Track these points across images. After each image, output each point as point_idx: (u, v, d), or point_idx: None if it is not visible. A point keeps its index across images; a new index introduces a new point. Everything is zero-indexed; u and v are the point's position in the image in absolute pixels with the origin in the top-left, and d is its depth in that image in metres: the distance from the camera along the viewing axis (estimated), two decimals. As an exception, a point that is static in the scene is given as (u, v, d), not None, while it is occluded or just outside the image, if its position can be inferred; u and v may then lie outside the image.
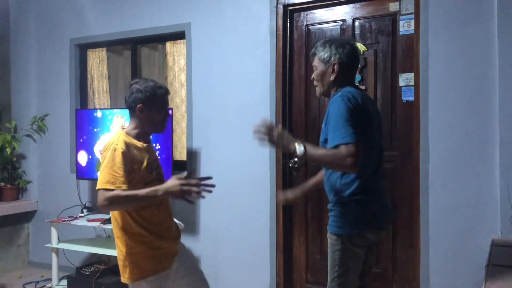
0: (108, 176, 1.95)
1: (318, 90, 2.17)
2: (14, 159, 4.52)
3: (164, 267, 2.12)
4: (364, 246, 2.06)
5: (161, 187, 1.98)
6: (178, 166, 3.80)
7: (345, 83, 2.08)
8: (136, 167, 2.05)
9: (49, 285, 3.86)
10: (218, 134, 3.62)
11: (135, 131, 2.14)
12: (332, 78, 2.08)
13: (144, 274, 2.07)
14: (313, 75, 2.16)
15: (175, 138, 3.98)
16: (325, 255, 3.35)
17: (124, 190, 1.95)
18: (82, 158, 3.85)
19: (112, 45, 4.31)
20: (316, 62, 2.13)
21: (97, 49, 4.41)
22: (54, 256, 3.75)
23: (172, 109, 3.61)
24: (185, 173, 2.01)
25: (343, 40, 2.13)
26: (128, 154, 2.03)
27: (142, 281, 2.07)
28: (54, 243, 3.74)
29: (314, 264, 3.41)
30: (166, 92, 2.19)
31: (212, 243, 3.68)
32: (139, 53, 4.20)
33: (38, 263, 4.50)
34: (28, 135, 4.53)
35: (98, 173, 2.21)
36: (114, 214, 2.10)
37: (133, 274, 2.08)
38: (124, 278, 2.11)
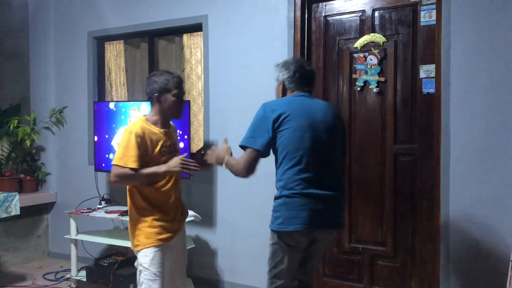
0: (121, 155, 2.25)
1: None
2: (34, 151, 4.58)
3: (163, 241, 2.36)
4: (294, 246, 2.16)
5: (163, 166, 2.30)
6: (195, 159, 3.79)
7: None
8: (150, 150, 2.32)
9: (68, 275, 3.91)
10: (235, 126, 3.61)
11: (154, 118, 2.40)
12: (283, 93, 2.39)
13: (146, 244, 2.34)
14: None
15: (192, 131, 3.98)
16: (342, 248, 3.34)
17: (132, 168, 2.23)
18: (100, 150, 3.88)
19: (129, 38, 4.32)
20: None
21: (114, 41, 4.42)
22: (73, 247, 3.79)
23: (189, 101, 3.60)
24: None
25: (287, 61, 2.42)
26: (143, 138, 2.29)
27: (146, 250, 2.34)
28: (73, 235, 3.77)
29: (332, 257, 3.39)
30: (178, 80, 2.40)
31: (229, 236, 3.68)
32: (156, 45, 4.20)
33: (58, 253, 4.56)
34: (47, 128, 4.58)
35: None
36: (128, 190, 2.39)
37: (138, 243, 2.37)
38: (132, 246, 2.43)
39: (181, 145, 3.48)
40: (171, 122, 2.53)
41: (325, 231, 2.22)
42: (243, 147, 2.23)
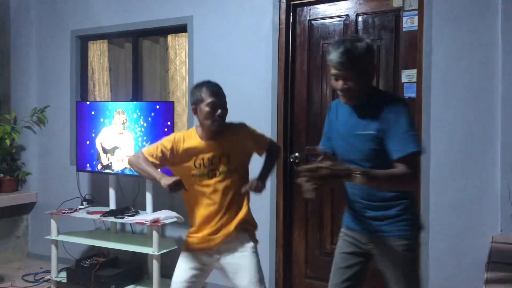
0: (151, 146, 2.33)
1: (352, 99, 1.92)
2: (14, 150, 4.51)
3: (195, 250, 2.38)
4: None
5: (161, 175, 2.19)
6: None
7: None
8: (184, 158, 2.28)
9: (48, 277, 3.86)
10: (219, 128, 3.61)
11: (200, 128, 2.33)
12: (371, 81, 1.95)
13: (183, 248, 2.43)
14: (351, 84, 1.86)
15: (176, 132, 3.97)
16: (324, 249, 3.36)
17: (147, 160, 2.24)
18: (82, 150, 3.85)
19: (114, 37, 4.29)
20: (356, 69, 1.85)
21: (98, 41, 4.39)
22: (53, 248, 3.75)
23: (173, 102, 3.60)
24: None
25: (362, 38, 1.92)
26: (177, 143, 2.29)
27: (182, 252, 2.43)
28: (54, 235, 3.73)
29: (314, 259, 3.41)
30: (213, 89, 2.27)
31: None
32: (141, 45, 4.18)
33: (37, 254, 4.50)
34: (28, 127, 4.52)
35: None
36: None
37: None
38: None
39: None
40: (234, 125, 2.41)
41: None
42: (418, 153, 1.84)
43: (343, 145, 1.99)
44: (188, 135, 2.32)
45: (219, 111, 2.25)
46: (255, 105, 3.47)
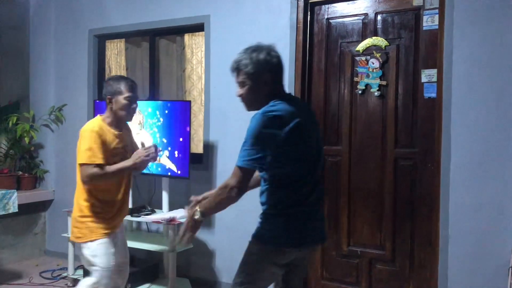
0: (88, 154, 2.38)
1: (247, 106, 2.03)
2: (32, 148, 4.56)
3: (107, 235, 2.53)
4: (279, 264, 1.97)
5: (129, 160, 2.48)
6: (195, 159, 3.79)
7: (276, 93, 1.95)
8: (105, 148, 2.45)
9: (65, 274, 3.90)
10: (235, 127, 3.60)
11: (109, 119, 2.55)
12: (265, 91, 1.94)
13: (87, 237, 2.50)
14: (241, 92, 1.98)
15: (192, 131, 3.97)
16: (340, 251, 3.33)
17: (99, 164, 2.40)
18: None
19: (131, 37, 4.31)
20: (242, 79, 1.96)
21: (115, 40, 4.41)
22: (70, 245, 3.78)
23: (189, 101, 3.59)
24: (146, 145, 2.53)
25: (265, 48, 1.97)
26: (102, 136, 2.44)
27: (90, 243, 2.50)
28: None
29: (330, 260, 3.38)
30: (132, 84, 2.54)
31: (227, 236, 3.67)
32: (157, 45, 4.19)
33: (54, 252, 4.54)
34: (46, 125, 4.56)
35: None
36: (77, 184, 2.53)
37: (81, 235, 2.52)
38: (72, 237, 2.59)
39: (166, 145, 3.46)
40: (126, 124, 2.72)
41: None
42: None
43: None
44: (101, 125, 2.49)
45: (134, 105, 2.55)
46: (272, 104, 3.44)
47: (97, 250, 2.50)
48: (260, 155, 1.82)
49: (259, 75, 1.92)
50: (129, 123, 2.73)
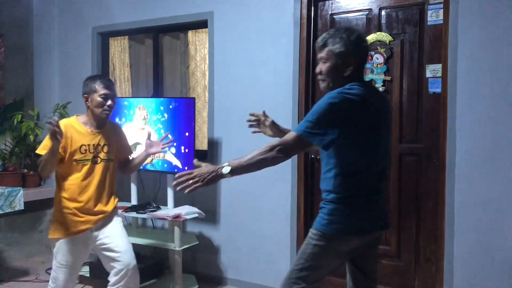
0: (42, 144, 2.52)
1: (324, 84, 1.98)
2: (37, 146, 4.56)
3: (70, 234, 2.58)
4: (343, 251, 1.96)
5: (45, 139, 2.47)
6: (199, 156, 3.78)
7: (356, 79, 1.92)
8: (68, 147, 2.52)
9: (71, 271, 3.91)
10: (239, 123, 3.60)
11: (85, 117, 2.65)
12: (347, 73, 1.91)
13: (55, 235, 2.59)
14: (322, 69, 1.95)
15: (196, 128, 3.97)
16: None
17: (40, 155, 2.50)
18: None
19: (134, 34, 4.31)
20: (326, 54, 1.92)
21: (119, 37, 4.41)
22: (76, 242, 3.79)
23: (194, 98, 3.60)
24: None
25: (357, 31, 1.95)
26: (65, 132, 2.47)
27: (54, 240, 2.59)
28: (77, 230, 3.77)
29: (335, 256, 3.39)
30: (106, 82, 2.60)
31: (233, 232, 3.68)
32: (161, 42, 4.19)
33: (60, 249, 4.56)
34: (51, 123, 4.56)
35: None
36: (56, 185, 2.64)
37: (52, 232, 2.61)
38: (48, 233, 2.65)
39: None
40: (113, 122, 2.83)
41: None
42: None
43: None
44: (67, 125, 2.55)
45: (109, 101, 2.59)
46: (276, 100, 3.45)
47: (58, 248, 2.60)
48: (321, 132, 1.79)
49: (345, 55, 1.89)
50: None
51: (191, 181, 1.86)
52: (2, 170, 4.26)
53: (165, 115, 3.59)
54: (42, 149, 2.50)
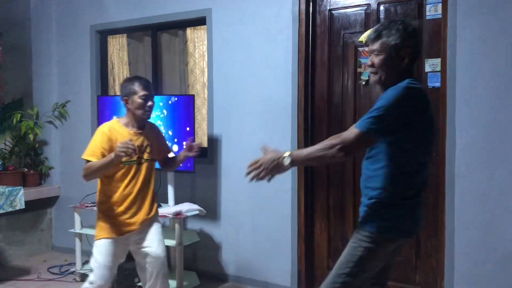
0: (86, 150, 2.52)
1: (375, 78, 1.90)
2: (37, 145, 4.57)
3: (114, 235, 2.59)
4: (389, 253, 1.93)
5: (110, 155, 2.42)
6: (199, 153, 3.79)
7: (408, 73, 1.87)
8: (115, 148, 2.42)
9: (73, 269, 3.93)
10: (239, 120, 3.61)
11: (126, 119, 2.63)
12: (402, 67, 1.85)
13: (99, 235, 2.60)
14: (374, 61, 1.88)
15: (196, 125, 3.97)
16: (346, 241, 3.34)
17: (89, 161, 2.48)
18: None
19: (133, 32, 4.30)
20: (380, 47, 1.85)
21: (117, 35, 4.40)
22: (77, 241, 3.80)
23: (193, 95, 3.60)
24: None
25: (414, 24, 1.90)
26: (109, 137, 2.51)
27: (98, 241, 2.60)
28: (78, 229, 3.78)
29: (336, 251, 3.39)
30: (145, 83, 2.59)
31: (233, 230, 3.69)
32: (160, 39, 4.18)
33: (61, 247, 4.57)
34: (50, 122, 4.57)
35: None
36: (98, 186, 2.64)
37: (96, 233, 2.63)
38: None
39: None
40: (151, 122, 2.80)
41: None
42: None
43: None
44: (111, 128, 2.56)
45: (150, 102, 2.60)
46: (275, 97, 3.45)
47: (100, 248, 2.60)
48: (387, 128, 1.74)
49: (399, 48, 1.83)
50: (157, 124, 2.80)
51: (257, 171, 1.86)
52: (2, 170, 4.26)
53: (165, 111, 3.59)
54: (91, 156, 2.48)
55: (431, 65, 3.01)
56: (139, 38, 4.34)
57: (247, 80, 3.59)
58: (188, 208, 3.45)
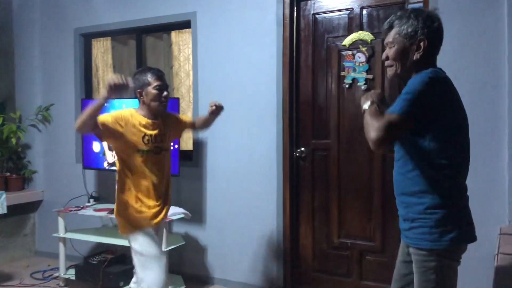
0: (104, 115, 2.38)
1: (392, 71, 1.79)
2: (19, 149, 4.52)
3: (143, 226, 2.50)
4: (460, 260, 1.74)
5: (101, 94, 2.29)
6: (184, 156, 3.80)
7: (429, 65, 1.72)
8: (129, 134, 2.41)
9: (56, 274, 3.88)
10: (224, 123, 3.61)
11: (142, 111, 2.52)
12: (417, 57, 1.71)
13: (133, 229, 2.49)
14: (389, 53, 1.77)
15: (181, 128, 3.98)
16: (331, 243, 3.37)
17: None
18: (88, 148, 3.85)
19: (117, 35, 4.29)
20: (393, 38, 1.75)
21: (101, 38, 4.38)
22: (61, 245, 3.77)
23: (178, 98, 3.60)
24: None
25: (429, 12, 1.75)
26: (127, 120, 2.42)
27: (132, 234, 2.50)
28: (61, 233, 3.75)
29: (321, 253, 3.42)
30: (158, 73, 2.49)
31: (219, 232, 3.69)
32: (144, 42, 4.18)
33: (44, 252, 4.52)
34: (33, 125, 4.52)
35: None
36: (118, 181, 2.54)
37: (124, 228, 2.53)
38: (120, 231, 2.58)
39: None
40: (165, 112, 2.66)
41: None
42: None
43: None
44: (132, 114, 2.47)
45: (165, 93, 2.51)
46: (260, 100, 3.47)
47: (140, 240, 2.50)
48: (422, 112, 1.58)
49: (413, 36, 1.70)
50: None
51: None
52: (-16, 174, 4.21)
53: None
54: (103, 117, 2.35)
55: (413, 68, 3.05)
56: (124, 41, 4.33)
57: (232, 83, 3.61)
58: (174, 211, 3.45)
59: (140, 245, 2.47)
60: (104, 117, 2.37)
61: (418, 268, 1.70)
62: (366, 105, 1.73)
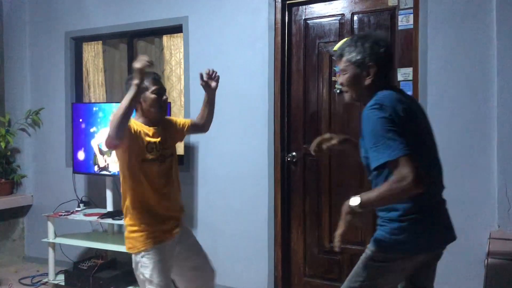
0: None
1: (348, 96, 1.88)
2: (9, 153, 4.48)
3: (155, 243, 2.28)
4: (408, 267, 1.84)
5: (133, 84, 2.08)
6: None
7: (382, 86, 1.79)
8: (139, 140, 2.25)
9: (45, 279, 3.84)
10: (216, 128, 3.57)
11: (140, 119, 2.35)
12: (368, 82, 1.79)
13: (139, 248, 2.26)
14: (342, 80, 1.85)
15: (172, 132, 3.96)
16: (322, 248, 3.38)
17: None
18: (78, 152, 3.83)
19: (108, 39, 4.27)
20: (344, 65, 1.83)
21: (92, 42, 4.37)
22: (50, 250, 3.73)
23: (170, 103, 3.59)
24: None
25: (376, 37, 1.83)
26: (135, 127, 2.25)
27: (140, 254, 2.27)
28: (51, 238, 3.71)
29: (312, 257, 3.43)
30: (155, 77, 2.33)
31: (210, 236, 3.67)
32: (136, 46, 4.17)
33: (34, 257, 4.47)
34: (23, 129, 4.49)
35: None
36: (123, 194, 2.32)
37: (132, 246, 2.29)
38: (127, 248, 2.34)
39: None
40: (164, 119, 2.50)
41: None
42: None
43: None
44: (133, 121, 2.28)
45: (164, 97, 2.35)
46: (251, 104, 3.47)
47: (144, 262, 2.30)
48: (400, 134, 1.61)
49: (362, 63, 1.77)
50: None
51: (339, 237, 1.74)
52: (-28, 178, 4.16)
53: (141, 120, 3.56)
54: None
55: (403, 74, 3.08)
56: (115, 45, 4.31)
57: (223, 87, 3.57)
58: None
59: (152, 271, 2.28)
60: None
61: (365, 257, 1.85)
62: (356, 201, 1.69)
